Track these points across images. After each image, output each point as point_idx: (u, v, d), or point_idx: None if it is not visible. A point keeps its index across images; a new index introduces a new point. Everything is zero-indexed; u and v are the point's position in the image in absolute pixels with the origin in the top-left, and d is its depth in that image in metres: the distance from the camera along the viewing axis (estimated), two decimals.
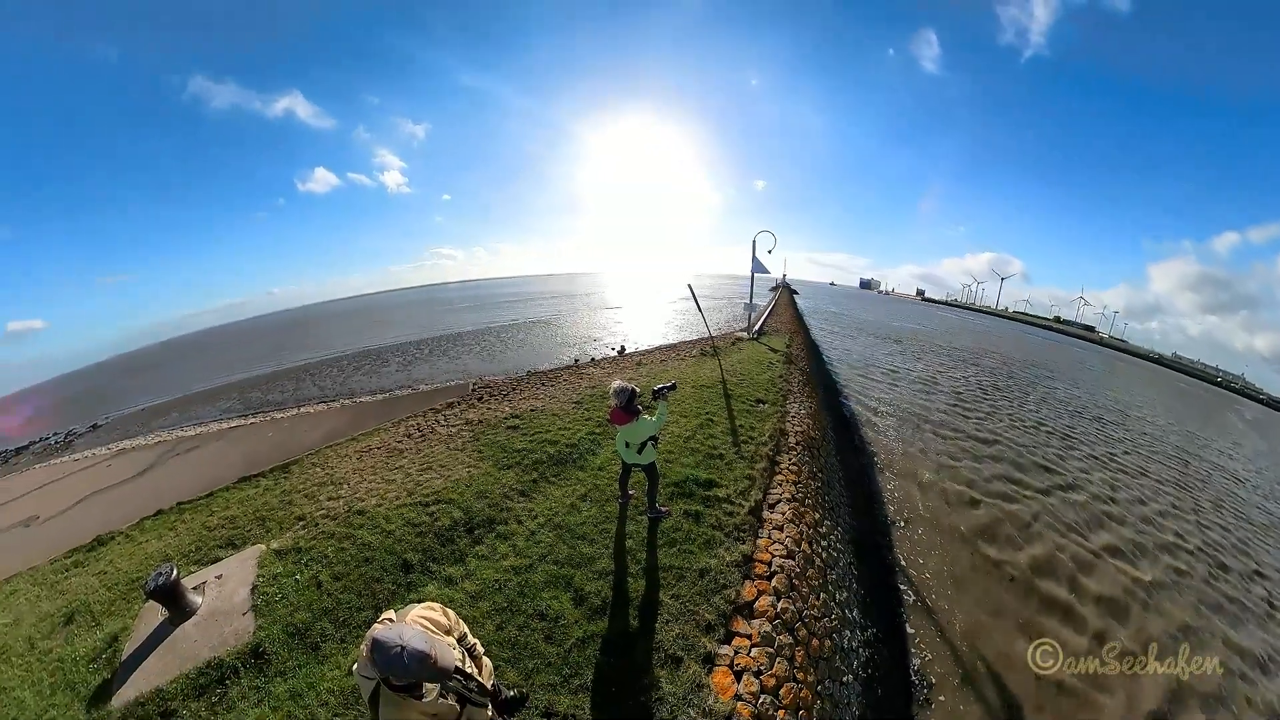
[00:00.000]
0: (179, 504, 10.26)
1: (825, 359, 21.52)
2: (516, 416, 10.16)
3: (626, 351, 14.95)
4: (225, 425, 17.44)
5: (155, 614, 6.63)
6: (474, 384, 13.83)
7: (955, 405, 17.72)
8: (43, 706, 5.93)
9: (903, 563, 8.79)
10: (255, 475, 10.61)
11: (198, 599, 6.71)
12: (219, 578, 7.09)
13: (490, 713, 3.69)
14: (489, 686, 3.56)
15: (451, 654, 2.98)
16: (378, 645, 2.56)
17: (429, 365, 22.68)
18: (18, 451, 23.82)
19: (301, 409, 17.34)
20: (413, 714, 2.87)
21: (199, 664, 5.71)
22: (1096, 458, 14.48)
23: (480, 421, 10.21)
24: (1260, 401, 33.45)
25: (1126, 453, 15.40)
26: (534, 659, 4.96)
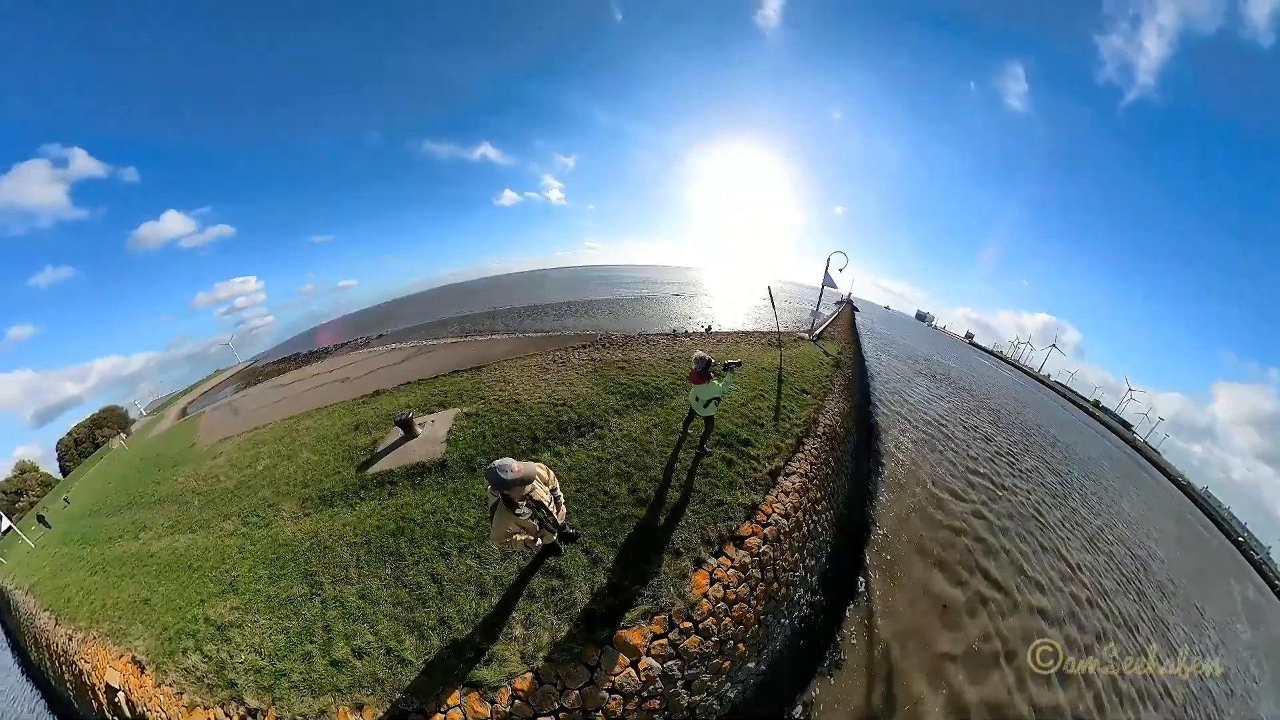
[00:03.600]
0: (419, 380, 12.45)
1: (868, 372, 18.12)
2: (625, 361, 10.47)
3: (711, 330, 14.54)
4: (448, 341, 20.58)
5: (397, 433, 8.32)
6: (600, 335, 14.42)
7: (965, 454, 13.26)
8: (336, 465, 7.98)
9: (869, 561, 7.56)
10: (461, 370, 12.33)
11: (420, 430, 8.28)
12: (432, 421, 8.64)
13: (555, 537, 4.32)
14: (560, 522, 4.09)
15: (534, 471, 3.47)
16: (491, 467, 3.21)
17: (573, 319, 24.57)
18: (339, 347, 30.86)
19: (492, 336, 19.77)
20: (510, 522, 3.46)
21: (412, 463, 7.21)
22: (1081, 568, 9.51)
23: (600, 360, 10.75)
24: (1272, 586, 18.76)
25: (1118, 583, 9.96)
26: (591, 517, 5.48)
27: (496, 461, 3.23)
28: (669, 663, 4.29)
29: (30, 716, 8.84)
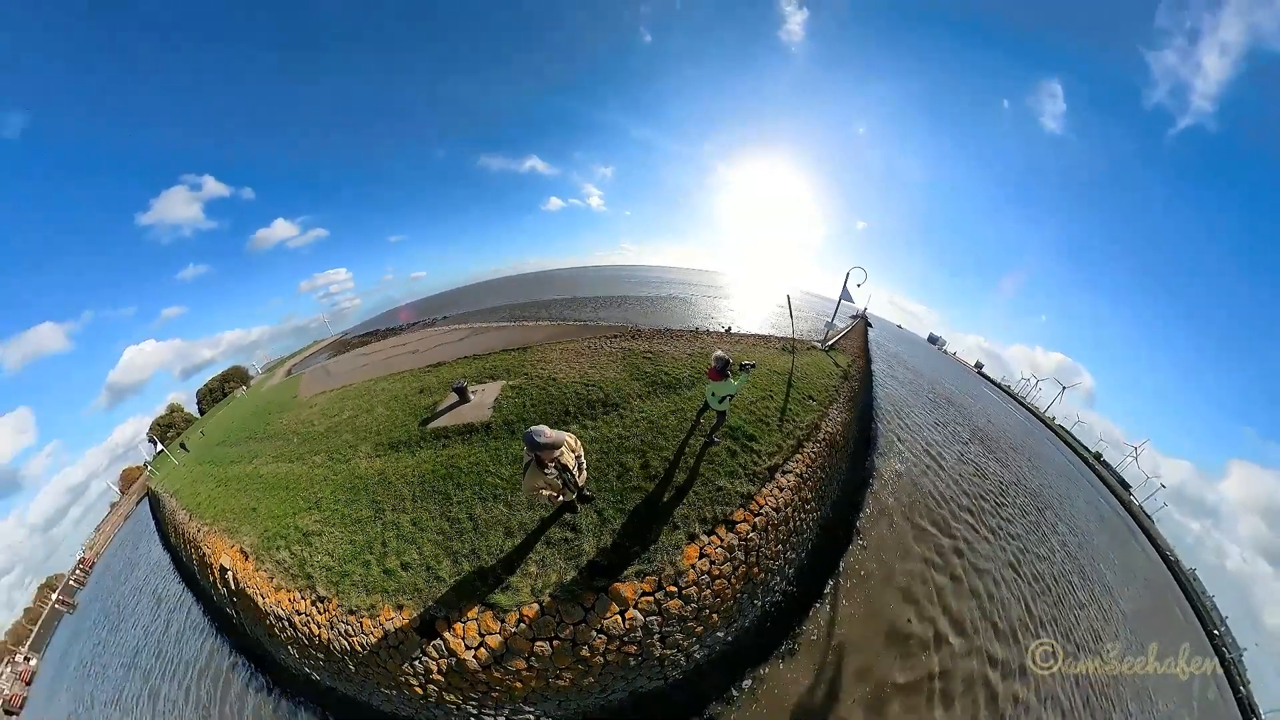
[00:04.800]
0: (474, 355, 12.96)
1: (874, 387, 16.08)
2: (650, 352, 10.33)
3: (731, 331, 14.16)
4: (498, 325, 21.48)
5: (453, 398, 8.79)
6: (630, 327, 14.31)
7: (955, 486, 11.61)
8: (404, 419, 8.58)
9: (843, 569, 7.08)
10: (509, 350, 12.67)
11: (472, 396, 8.71)
12: (483, 389, 9.08)
13: (574, 497, 4.59)
14: (580, 484, 4.29)
15: (564, 439, 3.61)
16: (529, 431, 3.39)
17: (607, 311, 24.79)
18: (411, 325, 32.88)
19: (537, 322, 20.29)
20: (538, 479, 3.65)
21: (464, 422, 7.65)
22: (1043, 631, 8.17)
23: (628, 350, 10.66)
24: (1235, 691, 10.99)
25: (1075, 653, 8.47)
26: (606, 484, 5.63)
27: (533, 427, 3.41)
28: (651, 618, 4.44)
29: (165, 579, 11.16)
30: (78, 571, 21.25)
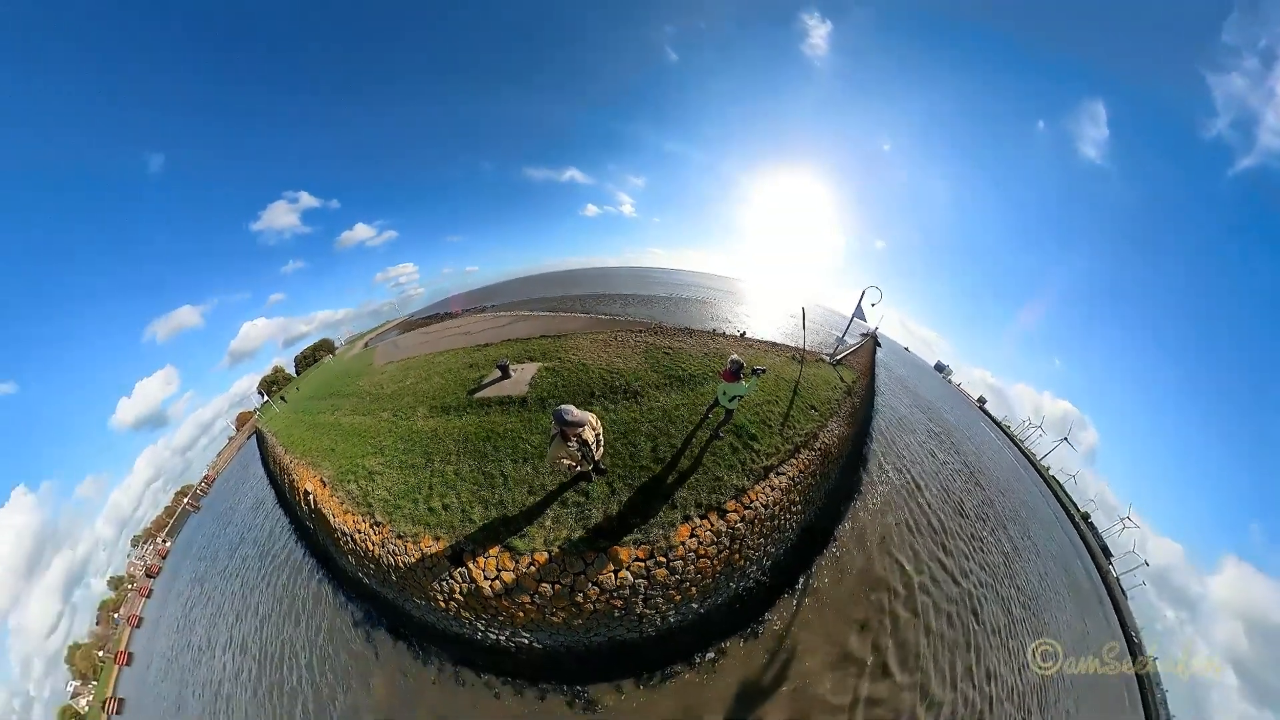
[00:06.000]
0: (516, 339, 13.31)
1: (875, 406, 15.04)
2: (670, 348, 10.29)
3: (745, 335, 13.83)
4: (539, 313, 22.12)
5: (496, 374, 9.18)
6: (654, 324, 14.26)
7: (935, 520, 10.54)
8: (455, 387, 9.13)
9: (814, 570, 6.87)
10: (546, 336, 12.90)
11: (513, 374, 9.07)
12: (522, 368, 9.41)
13: (590, 468, 4.84)
14: (596, 459, 4.51)
15: (587, 418, 3.77)
16: (558, 409, 3.61)
17: (634, 308, 24.87)
18: (465, 312, 34.36)
19: (572, 314, 20.77)
20: (561, 450, 3.83)
21: (504, 394, 8.07)
22: (987, 683, 7.15)
23: (651, 344, 10.66)
24: None
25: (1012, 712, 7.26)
26: (619, 461, 5.79)
27: (562, 405, 3.62)
28: (639, 580, 4.66)
29: (264, 494, 13.21)
30: (202, 484, 24.57)
